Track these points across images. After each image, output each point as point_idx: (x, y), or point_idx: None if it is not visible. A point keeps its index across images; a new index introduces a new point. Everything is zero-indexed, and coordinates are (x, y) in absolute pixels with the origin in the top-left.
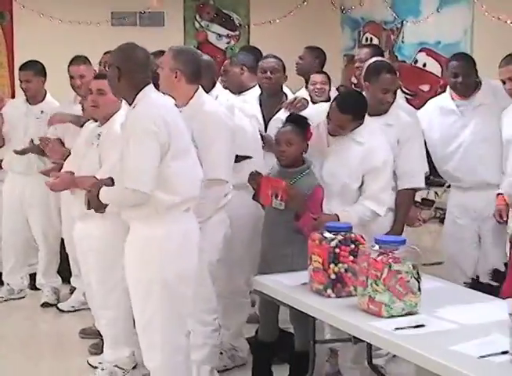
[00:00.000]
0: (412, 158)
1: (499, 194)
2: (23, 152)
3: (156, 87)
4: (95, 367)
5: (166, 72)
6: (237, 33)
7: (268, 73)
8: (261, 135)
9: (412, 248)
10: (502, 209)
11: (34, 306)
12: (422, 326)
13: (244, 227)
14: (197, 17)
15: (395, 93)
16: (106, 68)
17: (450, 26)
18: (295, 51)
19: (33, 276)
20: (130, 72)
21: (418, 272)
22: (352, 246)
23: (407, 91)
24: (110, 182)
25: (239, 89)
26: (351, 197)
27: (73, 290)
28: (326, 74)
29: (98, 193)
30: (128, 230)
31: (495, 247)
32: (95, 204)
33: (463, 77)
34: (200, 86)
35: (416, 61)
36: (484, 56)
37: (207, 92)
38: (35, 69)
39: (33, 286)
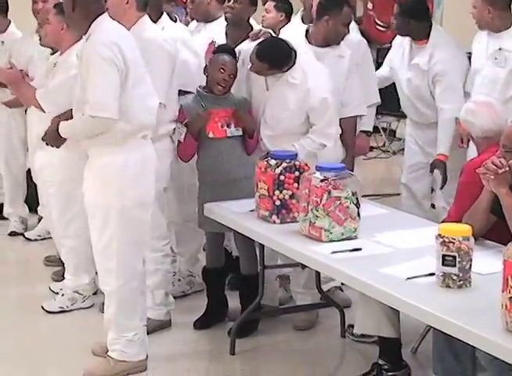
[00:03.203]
0: (355, 88)
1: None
2: None
3: None
4: (57, 293)
5: None
6: None
7: (231, 2)
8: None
9: (351, 175)
10: (463, 134)
11: (2, 235)
12: (358, 249)
13: None
14: None
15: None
16: None
17: None
18: None
19: (1, 206)
20: (85, 1)
21: (357, 199)
22: (297, 173)
23: (380, 23)
24: (69, 114)
25: (205, 19)
26: (296, 132)
27: (40, 219)
28: (277, 1)
29: (57, 129)
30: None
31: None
32: (53, 139)
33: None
34: (145, 14)
35: None
36: None
37: (154, 23)
38: None
39: (0, 215)
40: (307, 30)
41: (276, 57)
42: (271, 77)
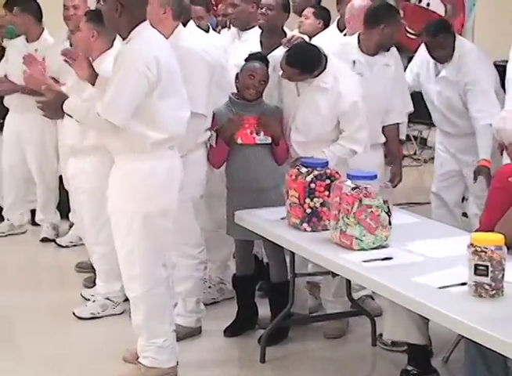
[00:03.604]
0: (396, 95)
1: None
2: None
3: None
4: (88, 299)
5: (155, 7)
6: None
7: (264, 9)
8: None
9: (383, 183)
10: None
11: (34, 241)
12: (389, 258)
13: None
14: None
15: None
16: (101, 2)
17: None
18: None
19: (33, 212)
20: (131, 7)
21: (389, 207)
22: (328, 181)
23: (411, 30)
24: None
25: (244, 26)
26: (327, 139)
27: (71, 225)
28: (316, 8)
29: (62, 101)
30: None
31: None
32: (54, 112)
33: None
34: (180, 23)
35: (420, 0)
36: None
37: None
38: (23, 5)
39: (33, 221)
40: (358, 38)
41: (307, 62)
42: (301, 82)
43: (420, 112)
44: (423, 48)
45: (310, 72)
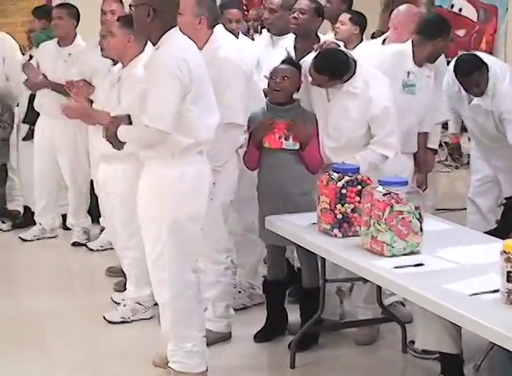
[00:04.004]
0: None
1: None
2: (41, 84)
3: None
4: (119, 304)
5: (188, 17)
6: None
7: (296, 13)
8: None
9: (415, 189)
10: None
11: (65, 245)
12: (421, 265)
13: None
14: None
15: None
16: (131, 8)
17: None
18: None
19: (64, 217)
20: (163, 13)
21: (420, 213)
22: (359, 187)
23: None
24: (127, 119)
25: (280, 32)
26: (359, 144)
27: (102, 229)
28: (352, 14)
29: (116, 131)
30: None
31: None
32: (114, 142)
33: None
34: (214, 31)
35: (452, 6)
36: None
37: None
38: (69, 9)
39: (64, 226)
40: (413, 51)
41: (335, 68)
42: (332, 88)
43: None
44: (451, 68)
45: (339, 78)
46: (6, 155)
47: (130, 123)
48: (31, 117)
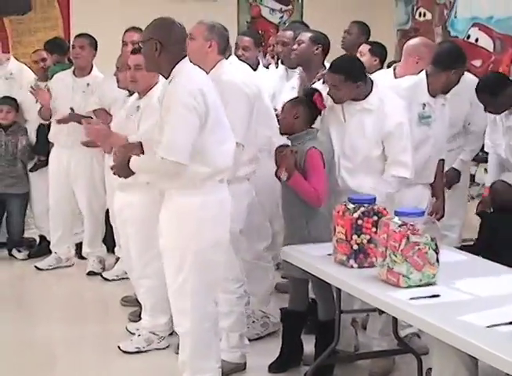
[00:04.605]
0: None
1: None
2: (64, 120)
3: None
4: (133, 333)
5: (199, 42)
6: (290, 7)
7: (295, 45)
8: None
9: (431, 220)
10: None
11: (80, 274)
12: (437, 296)
13: (263, 193)
14: None
15: None
16: (139, 44)
17: (503, 0)
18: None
19: (79, 246)
20: (170, 46)
21: (436, 244)
22: (375, 217)
23: None
24: (140, 147)
25: (291, 65)
26: (375, 167)
27: (117, 259)
28: (372, 45)
29: (126, 158)
30: None
31: None
32: (124, 172)
33: None
34: (223, 58)
35: (468, 36)
36: None
37: None
38: (90, 39)
39: (79, 255)
40: (428, 82)
41: (351, 68)
42: (347, 107)
43: None
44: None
45: (354, 80)
46: (28, 184)
47: (142, 151)
48: (41, 147)
